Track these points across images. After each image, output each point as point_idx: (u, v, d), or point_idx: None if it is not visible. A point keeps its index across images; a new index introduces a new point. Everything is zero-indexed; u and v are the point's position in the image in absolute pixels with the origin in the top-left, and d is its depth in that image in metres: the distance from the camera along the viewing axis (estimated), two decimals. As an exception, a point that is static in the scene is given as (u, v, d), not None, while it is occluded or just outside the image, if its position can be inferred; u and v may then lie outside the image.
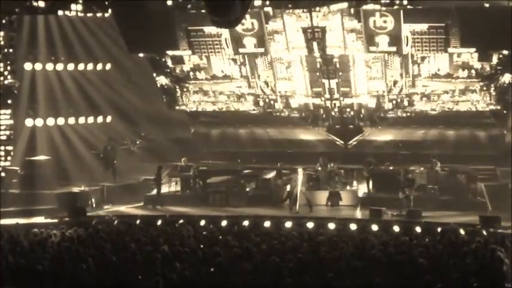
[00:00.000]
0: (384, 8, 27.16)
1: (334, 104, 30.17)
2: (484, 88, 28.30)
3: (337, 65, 29.08)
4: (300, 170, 26.44)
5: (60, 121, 29.47)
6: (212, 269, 15.10)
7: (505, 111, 28.49)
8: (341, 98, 29.93)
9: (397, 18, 27.03)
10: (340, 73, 29.30)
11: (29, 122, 28.88)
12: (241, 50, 29.39)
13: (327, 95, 29.90)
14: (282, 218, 24.17)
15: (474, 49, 27.16)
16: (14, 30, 28.73)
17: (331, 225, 22.94)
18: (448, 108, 29.15)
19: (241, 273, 14.64)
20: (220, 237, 19.31)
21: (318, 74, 29.57)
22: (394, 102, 29.75)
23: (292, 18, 28.23)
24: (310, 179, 27.60)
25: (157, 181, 27.70)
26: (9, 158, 28.87)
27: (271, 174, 28.19)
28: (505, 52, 26.95)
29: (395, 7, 27.05)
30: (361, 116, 30.49)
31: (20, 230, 20.88)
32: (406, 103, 29.64)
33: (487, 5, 25.83)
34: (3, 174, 28.06)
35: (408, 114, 29.78)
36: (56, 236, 19.44)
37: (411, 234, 20.40)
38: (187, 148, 30.84)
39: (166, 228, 21.22)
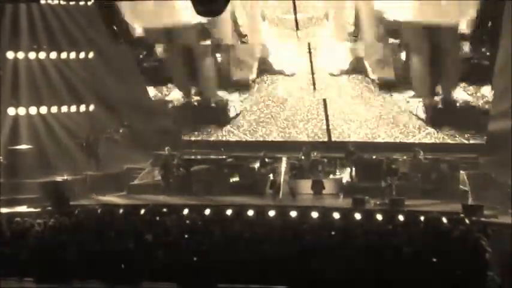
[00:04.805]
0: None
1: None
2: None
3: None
4: (284, 159, 26.43)
5: (43, 110, 29.25)
6: (195, 258, 15.12)
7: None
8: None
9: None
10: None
11: (11, 111, 28.66)
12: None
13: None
14: (265, 206, 24.17)
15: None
16: (-5, 19, 28.51)
17: (315, 214, 22.95)
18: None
19: (225, 262, 14.66)
20: (204, 226, 19.31)
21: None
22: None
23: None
24: (293, 168, 27.58)
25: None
26: (-9, 147, 28.71)
27: (254, 163, 28.17)
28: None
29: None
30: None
31: (3, 219, 20.75)
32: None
33: None
34: (-15, 163, 27.99)
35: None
36: (39, 225, 19.36)
37: (394, 223, 20.48)
38: (171, 137, 30.77)
39: (149, 217, 21.18)
